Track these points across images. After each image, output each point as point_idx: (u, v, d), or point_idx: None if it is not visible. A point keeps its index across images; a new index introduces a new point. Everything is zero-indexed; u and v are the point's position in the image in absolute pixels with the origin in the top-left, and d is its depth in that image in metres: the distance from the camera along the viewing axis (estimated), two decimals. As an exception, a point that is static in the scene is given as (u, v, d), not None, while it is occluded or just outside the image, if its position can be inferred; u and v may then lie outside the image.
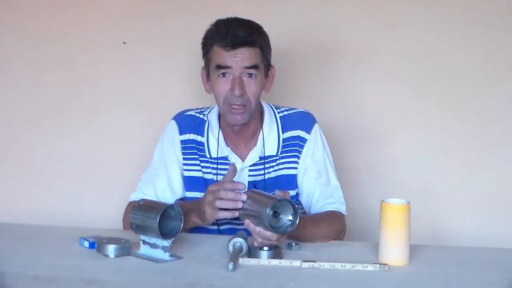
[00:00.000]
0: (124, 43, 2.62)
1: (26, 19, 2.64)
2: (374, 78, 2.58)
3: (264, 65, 2.03)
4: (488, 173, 2.55)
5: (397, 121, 2.59)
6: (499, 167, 2.56)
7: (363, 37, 2.57)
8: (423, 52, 2.55)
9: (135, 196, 2.07)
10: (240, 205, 1.77)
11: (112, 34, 2.62)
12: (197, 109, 2.18)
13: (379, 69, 2.58)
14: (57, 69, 2.65)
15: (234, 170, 1.88)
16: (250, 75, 1.99)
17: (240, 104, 2.00)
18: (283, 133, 2.11)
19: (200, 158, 2.11)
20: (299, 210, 2.09)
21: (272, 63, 2.09)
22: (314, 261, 1.70)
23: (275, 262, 1.72)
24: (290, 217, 1.74)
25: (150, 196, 2.07)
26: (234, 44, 1.97)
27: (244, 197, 1.77)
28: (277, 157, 2.10)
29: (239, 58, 1.97)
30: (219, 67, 1.99)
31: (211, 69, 2.03)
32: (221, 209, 1.81)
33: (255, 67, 1.99)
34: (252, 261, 1.72)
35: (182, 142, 2.12)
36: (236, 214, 1.79)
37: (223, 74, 2.00)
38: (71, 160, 2.65)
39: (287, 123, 2.12)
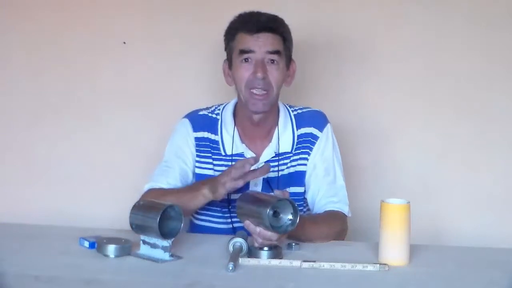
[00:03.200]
0: (124, 43, 2.62)
1: (26, 19, 2.64)
2: (374, 78, 2.58)
3: (286, 55, 2.06)
4: (488, 173, 2.55)
5: (397, 121, 2.59)
6: (499, 167, 2.55)
7: (364, 37, 2.57)
8: (423, 52, 2.55)
9: (150, 186, 2.07)
10: (247, 167, 1.85)
11: (112, 34, 2.62)
12: (208, 108, 2.18)
13: (379, 70, 2.57)
14: (57, 69, 2.65)
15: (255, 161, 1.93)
16: (273, 61, 2.02)
17: (262, 88, 2.01)
18: (297, 129, 2.12)
19: (213, 156, 2.11)
20: (303, 209, 2.10)
21: None
22: (314, 261, 1.70)
23: (275, 262, 1.72)
24: (290, 216, 1.74)
25: (163, 185, 2.07)
26: (258, 28, 2.01)
27: (251, 160, 1.87)
28: (291, 154, 2.11)
29: (261, 43, 2.01)
30: (242, 51, 2.02)
31: (233, 56, 2.05)
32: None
33: (277, 52, 2.02)
34: (252, 261, 1.72)
35: (196, 139, 2.12)
36: (241, 183, 1.86)
37: (246, 60, 2.02)
38: (71, 160, 2.64)
39: (301, 120, 2.14)
